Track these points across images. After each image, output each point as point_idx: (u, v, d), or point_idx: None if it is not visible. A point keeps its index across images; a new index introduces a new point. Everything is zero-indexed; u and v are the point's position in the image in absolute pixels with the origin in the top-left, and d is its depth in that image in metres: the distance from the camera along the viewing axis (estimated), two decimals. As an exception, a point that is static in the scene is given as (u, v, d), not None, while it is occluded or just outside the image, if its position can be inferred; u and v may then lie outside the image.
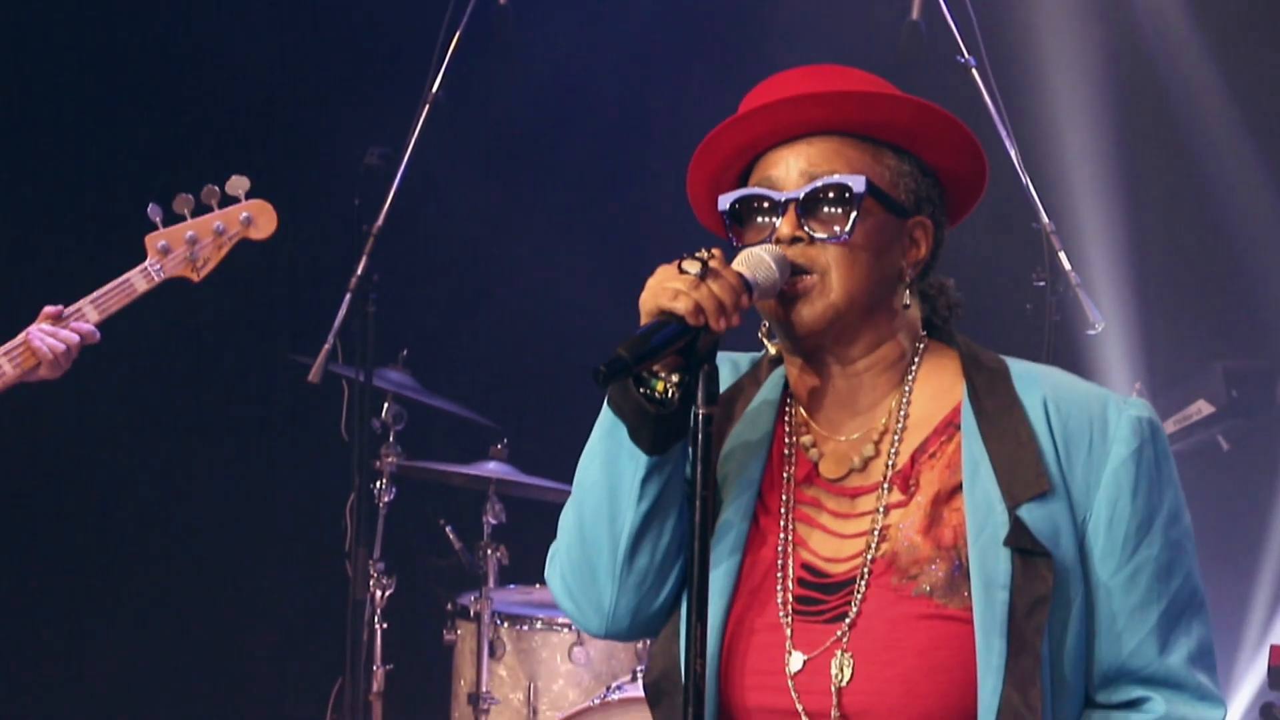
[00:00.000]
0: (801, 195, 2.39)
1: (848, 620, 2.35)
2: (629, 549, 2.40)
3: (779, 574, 2.41)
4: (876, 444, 2.43)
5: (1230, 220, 6.24)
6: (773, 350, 2.50)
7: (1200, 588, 2.40)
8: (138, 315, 4.26)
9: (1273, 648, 4.83)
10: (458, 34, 5.11)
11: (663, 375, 2.33)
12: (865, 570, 2.36)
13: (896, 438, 2.42)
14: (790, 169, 2.42)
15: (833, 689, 2.33)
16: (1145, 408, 2.40)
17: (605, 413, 2.40)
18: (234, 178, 4.28)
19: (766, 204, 2.41)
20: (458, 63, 5.14)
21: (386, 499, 5.40)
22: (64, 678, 6.37)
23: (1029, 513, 2.32)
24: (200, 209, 4.27)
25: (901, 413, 2.43)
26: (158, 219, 4.23)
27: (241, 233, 4.30)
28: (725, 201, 2.44)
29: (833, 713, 2.33)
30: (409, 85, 5.23)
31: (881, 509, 2.39)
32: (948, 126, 2.43)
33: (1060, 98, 6.13)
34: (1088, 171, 6.12)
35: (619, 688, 5.01)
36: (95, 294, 4.17)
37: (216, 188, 4.26)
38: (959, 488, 2.37)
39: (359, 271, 5.04)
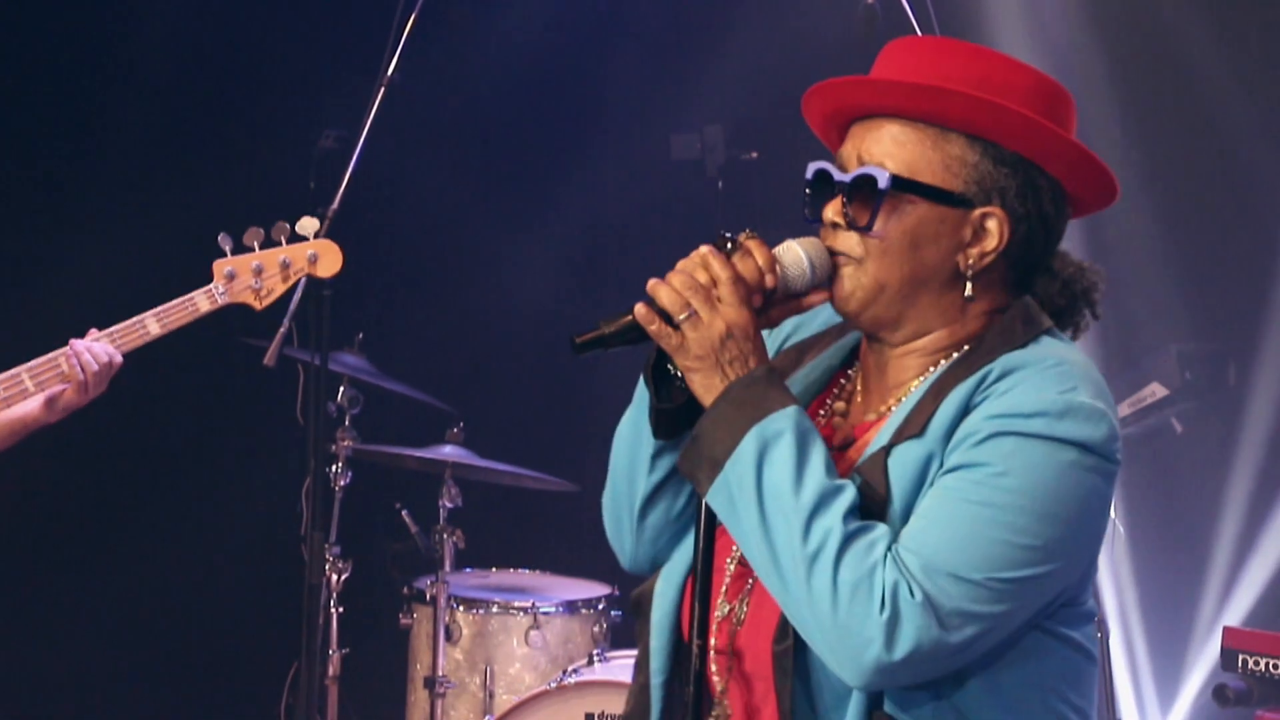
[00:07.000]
0: (848, 181, 2.35)
1: (750, 581, 2.36)
2: (641, 509, 2.45)
3: None
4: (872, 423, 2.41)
5: (1185, 202, 6.26)
6: None
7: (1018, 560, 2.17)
8: (90, 299, 4.22)
9: (1225, 629, 4.86)
10: (414, 15, 5.09)
11: None
12: None
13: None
14: (851, 152, 2.38)
15: (729, 631, 2.37)
16: (1088, 409, 2.24)
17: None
18: (304, 219, 4.41)
19: (830, 183, 2.39)
20: (413, 44, 5.11)
21: (342, 483, 5.39)
22: (15, 660, 6.33)
23: (899, 452, 2.26)
24: (269, 243, 4.39)
25: (906, 398, 2.37)
26: (227, 248, 4.34)
27: (307, 269, 4.43)
28: (810, 171, 2.41)
29: (729, 649, 2.36)
30: (364, 67, 5.20)
31: None
32: (1018, 122, 2.32)
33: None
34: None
35: (575, 671, 5.01)
36: (159, 309, 4.29)
37: (287, 224, 4.38)
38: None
39: (314, 255, 5.01)
